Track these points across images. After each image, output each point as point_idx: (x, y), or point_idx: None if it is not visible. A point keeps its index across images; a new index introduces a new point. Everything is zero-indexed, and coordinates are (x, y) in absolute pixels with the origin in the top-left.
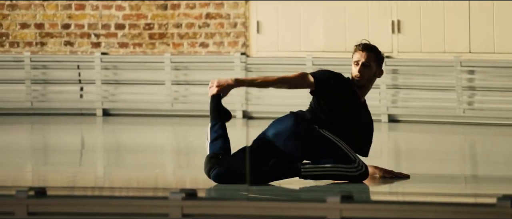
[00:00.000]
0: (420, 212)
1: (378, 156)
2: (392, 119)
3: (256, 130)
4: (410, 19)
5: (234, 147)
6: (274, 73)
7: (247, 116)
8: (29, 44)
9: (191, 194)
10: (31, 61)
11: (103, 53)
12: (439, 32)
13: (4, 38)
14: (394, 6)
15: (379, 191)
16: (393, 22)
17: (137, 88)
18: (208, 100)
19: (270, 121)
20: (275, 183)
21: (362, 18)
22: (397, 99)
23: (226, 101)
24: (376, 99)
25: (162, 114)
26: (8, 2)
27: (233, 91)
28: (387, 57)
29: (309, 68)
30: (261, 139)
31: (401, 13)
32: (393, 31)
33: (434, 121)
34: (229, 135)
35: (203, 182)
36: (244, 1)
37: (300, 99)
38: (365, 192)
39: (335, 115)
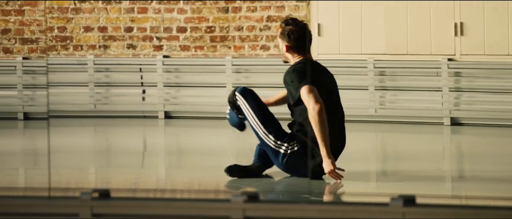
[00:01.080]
0: (482, 215)
1: (440, 159)
2: (455, 122)
3: None
4: (473, 21)
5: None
6: (336, 76)
7: None
8: (93, 47)
9: (253, 197)
10: (94, 64)
11: (165, 56)
12: (503, 34)
13: (68, 41)
14: (457, 8)
15: (441, 195)
16: (456, 25)
17: (198, 91)
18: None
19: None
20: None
21: (424, 21)
22: (460, 102)
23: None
24: (439, 102)
25: (224, 117)
26: (72, 6)
27: None
28: (450, 60)
29: (371, 71)
30: None
31: (464, 15)
32: (456, 33)
33: (497, 124)
34: None
35: (265, 185)
36: (305, 4)
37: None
38: (427, 195)
39: None
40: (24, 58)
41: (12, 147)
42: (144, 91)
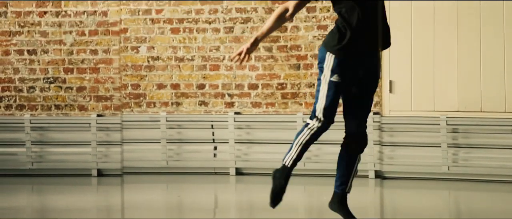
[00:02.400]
0: None
1: None
2: None
3: (389, 190)
4: None
5: (365, 207)
6: (408, 133)
7: (380, 176)
8: (165, 104)
9: None
10: (166, 121)
11: (236, 113)
12: None
13: (141, 98)
14: None
15: None
16: None
17: (269, 147)
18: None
19: (405, 182)
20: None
21: (498, 77)
22: None
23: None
24: None
25: (296, 173)
26: (145, 64)
27: (366, 150)
28: None
29: (444, 128)
30: None
31: None
32: None
33: None
34: (363, 197)
35: None
36: None
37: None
38: None
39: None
40: (98, 115)
41: (86, 204)
42: (215, 148)
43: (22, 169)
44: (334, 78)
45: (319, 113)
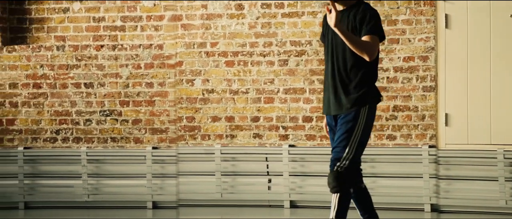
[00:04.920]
0: None
1: None
2: None
3: None
4: None
5: None
6: (464, 166)
7: (436, 209)
8: (220, 136)
9: None
10: (221, 153)
11: (290, 145)
12: None
13: (196, 131)
14: None
15: None
16: None
17: (324, 180)
18: (402, 193)
19: (462, 215)
20: None
21: None
22: None
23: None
24: None
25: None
26: (200, 96)
27: (421, 183)
28: None
29: (501, 162)
30: None
31: None
32: None
33: None
34: None
35: None
36: (433, 94)
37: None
38: None
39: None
40: (153, 147)
41: None
42: (270, 181)
43: (78, 201)
44: None
45: None
